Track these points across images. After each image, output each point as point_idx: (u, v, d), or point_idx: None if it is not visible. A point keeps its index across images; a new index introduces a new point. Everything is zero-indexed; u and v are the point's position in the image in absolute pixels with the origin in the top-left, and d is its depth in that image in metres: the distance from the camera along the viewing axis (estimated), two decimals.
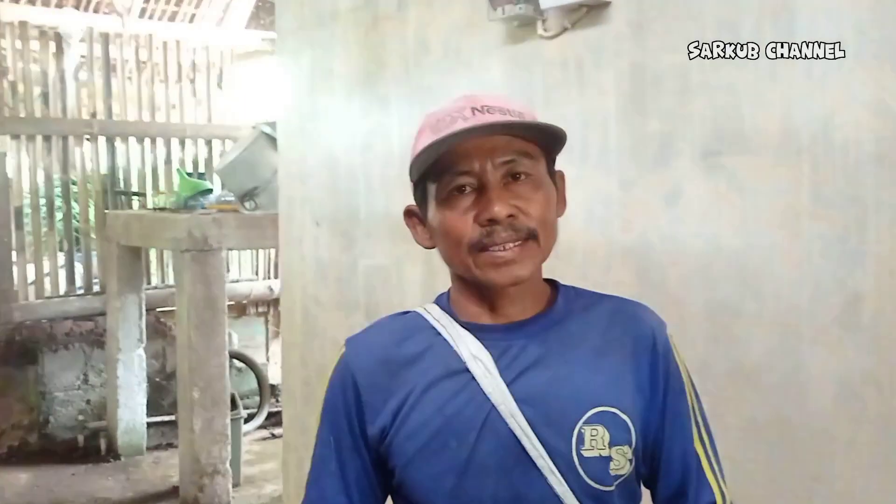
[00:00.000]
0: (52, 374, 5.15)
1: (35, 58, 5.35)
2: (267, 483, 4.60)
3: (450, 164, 1.00)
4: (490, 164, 0.99)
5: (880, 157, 1.32)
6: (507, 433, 0.98)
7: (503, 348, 1.02)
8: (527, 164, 1.01)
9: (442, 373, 1.02)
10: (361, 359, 1.08)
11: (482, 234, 0.98)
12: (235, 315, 5.84)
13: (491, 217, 0.97)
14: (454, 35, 2.17)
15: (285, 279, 3.14)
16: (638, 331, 1.05)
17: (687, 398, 1.06)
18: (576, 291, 1.11)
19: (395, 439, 1.02)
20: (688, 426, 1.05)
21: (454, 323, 1.06)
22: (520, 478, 0.98)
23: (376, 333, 1.12)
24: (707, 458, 1.06)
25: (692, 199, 1.60)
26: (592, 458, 0.97)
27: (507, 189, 0.99)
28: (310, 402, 2.98)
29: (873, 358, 1.34)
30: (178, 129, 5.74)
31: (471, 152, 0.99)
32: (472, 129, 0.97)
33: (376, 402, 1.04)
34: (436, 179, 1.02)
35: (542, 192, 1.01)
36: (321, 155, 2.82)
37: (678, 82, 1.61)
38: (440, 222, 1.02)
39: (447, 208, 1.01)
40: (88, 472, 4.81)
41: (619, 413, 0.99)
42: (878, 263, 1.33)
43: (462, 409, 1.00)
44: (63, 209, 5.39)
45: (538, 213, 1.00)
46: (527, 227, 0.99)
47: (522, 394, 0.99)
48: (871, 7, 1.33)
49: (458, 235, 1.00)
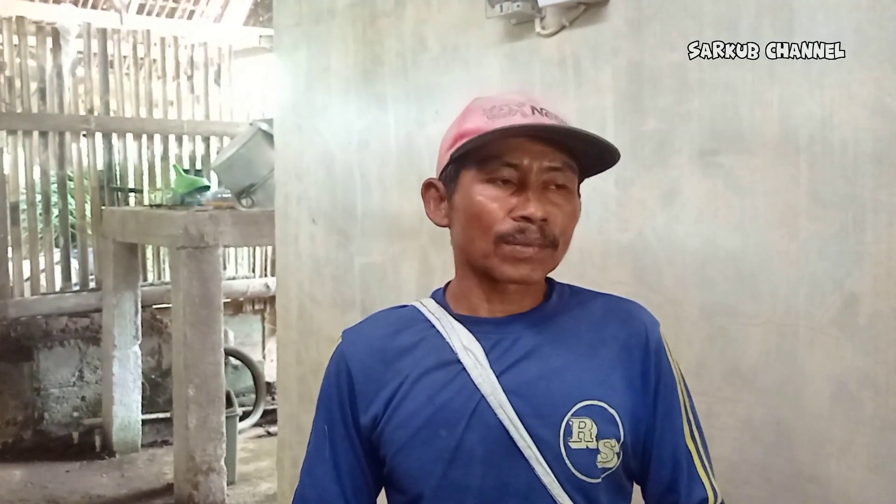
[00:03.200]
0: (48, 371, 5.13)
1: (32, 53, 5.33)
2: (262, 481, 4.59)
3: (500, 153, 1.01)
4: (538, 165, 1.01)
5: (878, 157, 1.31)
6: (495, 423, 1.00)
7: (495, 340, 1.04)
8: (568, 176, 1.04)
9: (434, 363, 1.04)
10: (357, 349, 1.10)
11: (514, 228, 1.00)
12: (232, 312, 5.83)
13: (528, 215, 1.00)
14: (452, 32, 2.16)
15: (281, 276, 3.13)
16: (631, 328, 1.07)
17: (679, 395, 1.07)
18: (570, 288, 1.13)
19: (387, 428, 1.04)
20: (679, 423, 1.06)
21: (448, 316, 1.08)
22: (507, 468, 0.99)
23: (372, 325, 1.14)
24: (698, 455, 1.07)
25: (689, 198, 1.60)
26: (580, 450, 0.99)
27: (545, 194, 1.02)
28: (305, 399, 2.97)
29: (870, 359, 1.34)
30: (176, 126, 5.72)
31: (524, 148, 1.01)
32: (560, 129, 1.00)
33: (369, 391, 1.06)
34: (479, 163, 1.03)
35: (572, 206, 1.05)
36: (318, 152, 2.81)
37: (676, 81, 1.61)
38: (471, 205, 1.03)
39: (483, 193, 1.02)
40: (83, 469, 4.79)
41: (607, 407, 1.01)
42: (875, 264, 1.32)
43: (452, 399, 1.02)
44: (59, 205, 5.37)
45: (563, 225, 1.03)
46: (553, 235, 1.02)
47: (512, 385, 1.01)
48: (870, 7, 1.32)
49: (489, 222, 1.01)
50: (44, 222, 5.34)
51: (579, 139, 1.02)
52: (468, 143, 1.02)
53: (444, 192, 1.09)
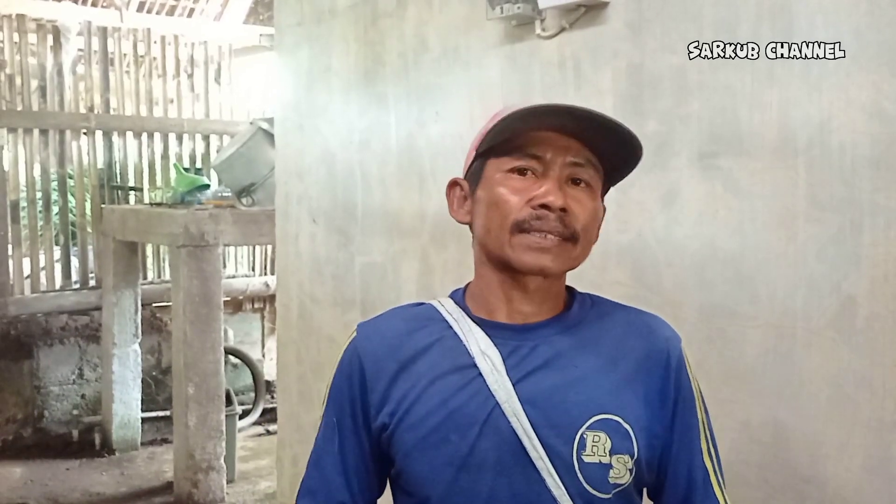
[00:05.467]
0: (47, 369, 5.14)
1: (33, 51, 5.33)
2: (261, 479, 4.60)
3: (523, 144, 1.01)
4: (561, 159, 1.01)
5: (876, 161, 1.32)
6: (508, 431, 0.98)
7: (513, 347, 1.02)
8: (591, 174, 1.03)
9: (449, 366, 1.03)
10: (371, 344, 1.08)
11: (531, 215, 1.00)
12: (232, 311, 5.83)
13: (545, 203, 0.99)
14: (453, 33, 2.17)
15: (281, 275, 3.13)
16: (652, 344, 1.05)
17: (697, 413, 1.06)
18: (592, 299, 1.11)
19: (398, 429, 1.02)
20: (696, 441, 1.05)
21: (466, 318, 1.06)
22: (517, 477, 0.98)
23: (388, 321, 1.12)
24: (715, 473, 1.06)
25: (689, 200, 1.61)
26: (592, 465, 0.98)
27: (566, 187, 1.01)
28: (305, 398, 2.98)
29: (867, 361, 1.34)
30: (176, 124, 5.73)
31: (548, 141, 1.01)
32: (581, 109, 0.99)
33: (382, 388, 1.05)
34: (502, 154, 1.03)
35: (594, 204, 1.04)
36: (318, 152, 2.81)
37: (676, 83, 1.61)
38: (492, 195, 1.03)
39: (504, 182, 1.02)
40: (82, 467, 4.80)
41: (622, 422, 0.99)
42: (872, 267, 1.33)
43: (465, 404, 1.00)
44: (59, 203, 5.38)
45: (585, 220, 1.02)
46: (572, 227, 1.00)
47: (528, 394, 0.99)
48: (868, 11, 1.33)
49: (506, 210, 1.01)
50: (44, 220, 5.35)
51: (603, 127, 1.01)
52: (497, 126, 1.02)
53: (468, 190, 1.09)
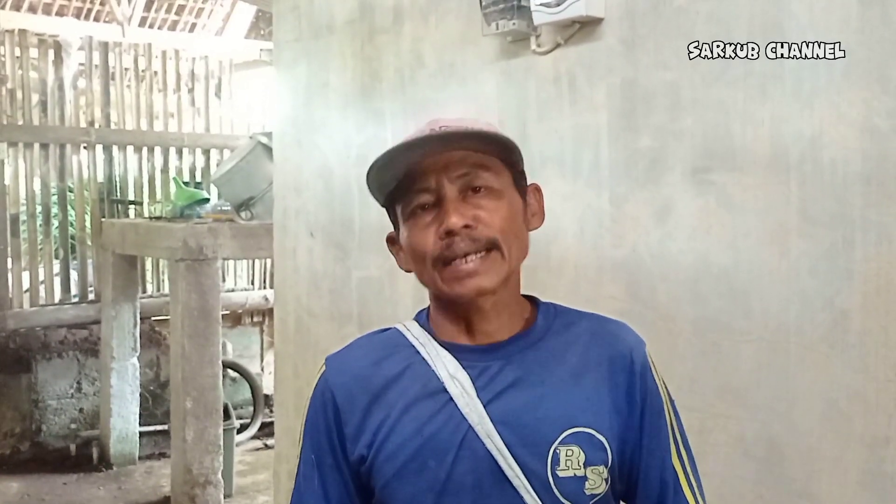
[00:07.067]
0: (46, 382, 5.13)
1: (34, 65, 5.36)
2: (259, 494, 4.59)
3: (409, 184, 1.02)
4: (446, 178, 1.00)
5: (868, 177, 1.33)
6: (483, 453, 0.99)
7: (481, 369, 1.03)
8: (485, 176, 1.02)
9: (420, 393, 1.03)
10: (342, 377, 1.08)
11: (443, 246, 0.99)
12: (230, 325, 5.84)
13: (448, 229, 0.98)
14: (449, 49, 2.19)
15: (279, 289, 3.14)
16: (615, 350, 1.05)
17: (665, 415, 1.06)
18: (556, 309, 1.11)
19: (376, 460, 1.02)
20: (665, 443, 1.05)
21: (433, 341, 1.06)
22: (496, 497, 0.98)
23: (356, 352, 1.12)
24: (685, 474, 1.06)
25: (682, 215, 1.61)
26: (567, 479, 0.98)
27: (466, 202, 1.01)
28: (302, 413, 2.97)
29: (860, 376, 1.35)
30: (176, 138, 5.75)
31: (427, 169, 1.01)
32: (410, 144, 0.99)
33: (356, 421, 1.05)
34: (400, 201, 1.04)
35: (503, 203, 1.02)
36: (316, 166, 2.82)
37: (669, 99, 1.62)
38: (407, 242, 1.04)
39: (411, 227, 1.03)
40: (80, 482, 4.79)
41: (594, 433, 1.00)
42: (864, 282, 1.34)
43: (440, 430, 1.00)
44: (59, 217, 5.39)
45: (499, 224, 1.00)
46: (486, 238, 1.00)
47: (499, 414, 1.00)
48: (858, 28, 1.34)
49: (422, 251, 1.02)
50: (44, 234, 5.36)
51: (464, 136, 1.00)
52: (376, 187, 1.05)
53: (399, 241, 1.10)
